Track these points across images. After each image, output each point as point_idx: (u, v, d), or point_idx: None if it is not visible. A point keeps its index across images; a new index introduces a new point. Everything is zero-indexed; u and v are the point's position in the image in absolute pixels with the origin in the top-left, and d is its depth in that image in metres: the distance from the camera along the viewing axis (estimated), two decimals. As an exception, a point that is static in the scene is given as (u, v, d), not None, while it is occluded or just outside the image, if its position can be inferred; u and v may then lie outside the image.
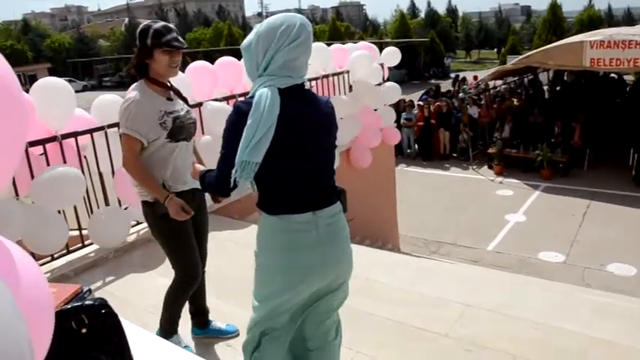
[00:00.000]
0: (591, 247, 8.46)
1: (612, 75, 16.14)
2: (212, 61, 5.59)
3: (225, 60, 5.57)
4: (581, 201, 10.55)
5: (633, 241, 8.57)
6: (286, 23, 1.92)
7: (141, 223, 4.64)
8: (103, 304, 1.38)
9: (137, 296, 3.64)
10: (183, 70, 5.25)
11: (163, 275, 3.92)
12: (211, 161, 5.05)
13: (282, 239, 2.02)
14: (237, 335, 3.17)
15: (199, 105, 4.99)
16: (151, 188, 2.73)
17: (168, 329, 2.99)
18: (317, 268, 2.04)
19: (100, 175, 4.56)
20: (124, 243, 4.45)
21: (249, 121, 1.86)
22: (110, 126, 4.30)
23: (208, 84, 5.19)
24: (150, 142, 2.67)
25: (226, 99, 5.27)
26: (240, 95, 5.44)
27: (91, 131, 4.27)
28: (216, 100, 5.13)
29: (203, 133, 5.07)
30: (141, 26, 2.63)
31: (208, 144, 4.98)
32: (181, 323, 3.06)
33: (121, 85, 31.83)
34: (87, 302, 1.38)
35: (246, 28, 50.22)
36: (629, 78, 17.36)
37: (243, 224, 5.00)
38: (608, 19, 35.90)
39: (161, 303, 3.03)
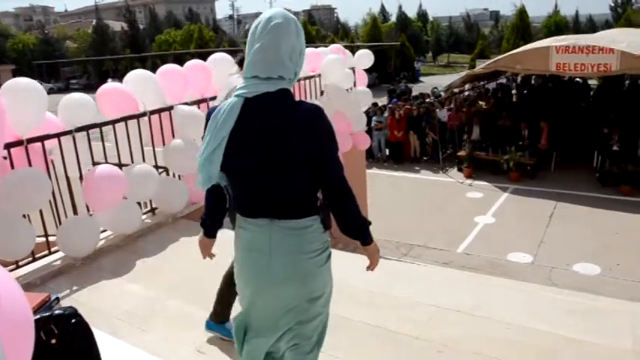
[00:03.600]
0: (558, 248, 8.64)
1: (577, 79, 16.52)
2: (182, 64, 5.54)
3: (196, 63, 5.52)
4: (548, 202, 10.78)
5: (597, 241, 8.80)
6: (260, 17, 1.93)
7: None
8: (73, 313, 1.35)
9: (107, 304, 3.57)
10: (154, 72, 5.21)
11: (133, 281, 3.88)
12: (183, 165, 5.01)
13: (241, 237, 2.06)
14: None
15: (170, 108, 4.93)
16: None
17: (221, 315, 3.04)
18: (263, 275, 2.02)
19: (68, 180, 4.47)
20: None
21: (207, 130, 1.92)
22: (78, 130, 4.22)
23: (179, 87, 5.15)
24: None
25: (197, 103, 5.22)
26: (212, 99, 5.39)
27: (58, 135, 4.19)
28: (186, 103, 5.08)
29: (174, 136, 5.02)
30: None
31: (179, 148, 4.94)
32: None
33: (89, 88, 31.13)
34: (56, 312, 1.34)
35: (217, 30, 49.87)
36: (592, 82, 17.79)
37: (215, 229, 4.95)
38: (575, 26, 36.69)
39: (133, 310, 2.99)
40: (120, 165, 4.70)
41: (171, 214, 4.99)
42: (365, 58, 7.56)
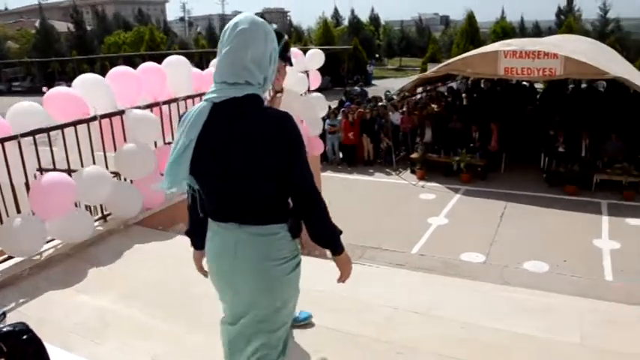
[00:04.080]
0: (509, 247, 8.89)
1: (524, 83, 17.07)
2: (133, 66, 5.42)
3: (149, 66, 5.41)
4: (499, 202, 11.07)
5: (545, 239, 9.10)
6: (228, 24, 1.94)
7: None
8: (24, 329, 1.28)
9: (57, 316, 3.44)
10: (104, 75, 5.07)
11: (85, 292, 3.75)
12: (135, 170, 4.88)
13: (211, 240, 2.09)
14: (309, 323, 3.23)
15: (121, 112, 4.81)
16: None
17: None
18: (229, 279, 2.07)
19: (12, 186, 4.28)
20: (39, 259, 4.20)
21: (176, 134, 1.94)
22: (23, 135, 4.06)
23: (132, 91, 5.02)
24: None
25: (150, 106, 5.11)
26: (165, 103, 5.28)
27: (2, 140, 4.01)
28: (138, 107, 4.96)
29: (125, 140, 4.90)
30: (275, 30, 2.33)
31: (131, 152, 4.82)
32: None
33: (33, 91, 29.97)
34: (5, 329, 1.28)
35: (168, 32, 49.00)
36: (539, 86, 18.42)
37: (169, 235, 4.86)
38: (521, 31, 37.85)
39: (85, 321, 2.89)
40: (69, 171, 4.55)
41: (124, 221, 4.86)
42: (316, 57, 7.52)
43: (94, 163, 4.74)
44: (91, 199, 4.62)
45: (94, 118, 4.65)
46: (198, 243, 2.22)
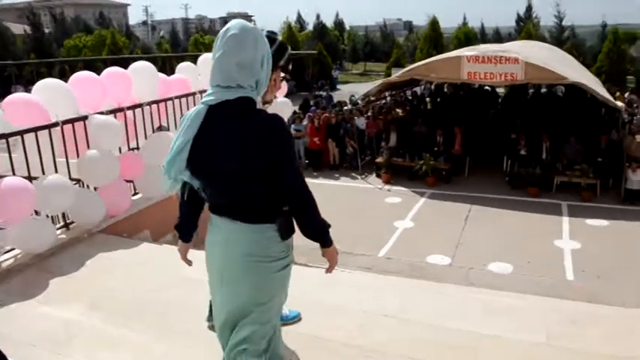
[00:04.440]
0: (474, 249, 9.03)
1: (486, 87, 17.42)
2: (94, 71, 5.30)
3: (114, 70, 5.30)
4: (463, 205, 11.25)
5: (509, 241, 9.29)
6: (221, 30, 2.04)
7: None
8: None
9: (18, 329, 3.31)
10: (66, 80, 4.94)
11: (47, 303, 3.64)
12: (99, 177, 4.77)
13: (208, 231, 2.23)
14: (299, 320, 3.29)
15: (84, 118, 4.69)
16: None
17: None
18: (219, 270, 2.18)
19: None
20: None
21: (174, 135, 2.09)
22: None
23: (95, 96, 4.91)
24: None
25: (113, 112, 5.01)
26: (129, 108, 5.18)
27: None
28: (102, 113, 4.85)
29: (89, 147, 4.78)
30: (280, 42, 2.49)
31: (94, 159, 4.71)
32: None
33: (-10, 95, 28.99)
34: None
35: (130, 36, 48.19)
36: (500, 90, 18.83)
37: (134, 243, 4.77)
38: (482, 37, 38.62)
39: (48, 334, 2.81)
40: (29, 178, 4.41)
41: (88, 229, 4.75)
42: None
43: (55, 170, 4.61)
44: (52, 209, 4.49)
45: (55, 124, 4.53)
46: (186, 236, 2.37)
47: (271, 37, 2.40)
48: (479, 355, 2.99)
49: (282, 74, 2.59)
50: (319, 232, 2.19)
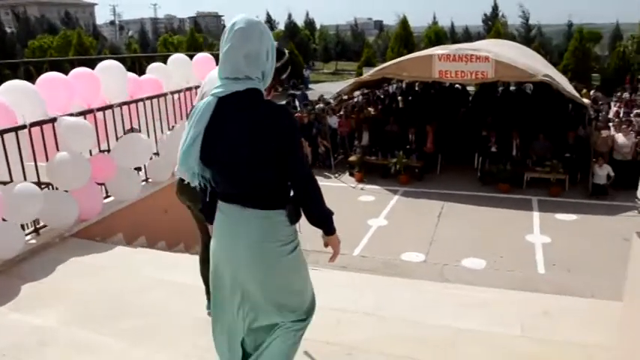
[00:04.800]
0: (447, 245, 9.14)
1: (457, 86, 17.62)
2: (61, 72, 5.18)
3: (82, 71, 5.19)
4: (436, 203, 11.38)
5: (482, 237, 9.44)
6: (228, 24, 2.11)
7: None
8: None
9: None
10: (33, 81, 4.83)
11: (18, 310, 3.56)
12: (70, 180, 4.68)
13: (217, 219, 2.27)
14: None
15: (53, 120, 4.59)
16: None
17: None
18: (231, 258, 2.22)
19: None
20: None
21: (185, 128, 2.13)
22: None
23: (64, 97, 4.81)
24: None
25: (83, 113, 4.91)
26: (99, 109, 5.09)
27: None
28: (71, 115, 4.76)
29: (58, 149, 4.68)
30: (288, 57, 2.70)
31: (64, 162, 4.61)
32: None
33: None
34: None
35: (98, 36, 47.38)
36: (470, 88, 19.07)
37: (108, 247, 4.69)
38: (452, 36, 39.09)
39: (20, 342, 2.75)
40: (-3, 182, 4.30)
41: (59, 234, 4.65)
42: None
43: (24, 174, 4.50)
44: (21, 217, 4.37)
45: (23, 127, 4.42)
46: (210, 218, 2.37)
47: (280, 50, 2.56)
48: (457, 349, 3.03)
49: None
50: (324, 218, 2.30)
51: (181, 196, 3.10)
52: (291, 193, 2.22)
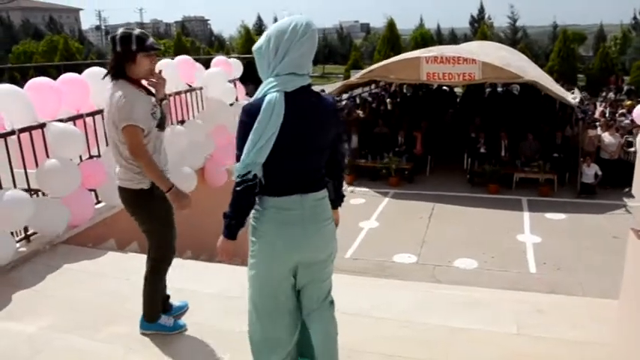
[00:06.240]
0: (439, 246, 9.19)
1: (444, 88, 17.73)
2: (50, 77, 5.12)
3: (70, 76, 5.14)
4: (427, 204, 11.43)
5: (472, 237, 9.49)
6: (294, 22, 2.18)
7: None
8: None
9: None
10: (21, 86, 4.77)
11: (9, 318, 3.54)
12: (60, 187, 4.63)
13: (270, 217, 2.27)
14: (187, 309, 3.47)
15: (42, 126, 4.55)
16: (158, 175, 2.88)
17: (155, 314, 3.16)
18: (301, 245, 2.29)
19: None
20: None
21: (255, 125, 2.12)
22: None
23: (52, 103, 4.75)
24: (146, 132, 2.87)
25: (72, 119, 4.87)
26: (89, 115, 5.04)
27: None
28: (61, 120, 4.71)
29: (48, 156, 4.64)
30: (120, 33, 2.82)
31: (54, 168, 4.56)
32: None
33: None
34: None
35: (83, 41, 47.04)
36: (458, 90, 19.21)
37: (99, 252, 4.64)
38: (438, 38, 39.31)
39: (11, 351, 2.71)
40: (-14, 189, 4.24)
41: (49, 241, 4.60)
42: (235, 67, 7.41)
43: (13, 180, 4.45)
44: (10, 225, 4.32)
45: (11, 133, 4.37)
46: (234, 233, 2.36)
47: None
48: (455, 348, 3.04)
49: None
50: (343, 196, 2.62)
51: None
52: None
